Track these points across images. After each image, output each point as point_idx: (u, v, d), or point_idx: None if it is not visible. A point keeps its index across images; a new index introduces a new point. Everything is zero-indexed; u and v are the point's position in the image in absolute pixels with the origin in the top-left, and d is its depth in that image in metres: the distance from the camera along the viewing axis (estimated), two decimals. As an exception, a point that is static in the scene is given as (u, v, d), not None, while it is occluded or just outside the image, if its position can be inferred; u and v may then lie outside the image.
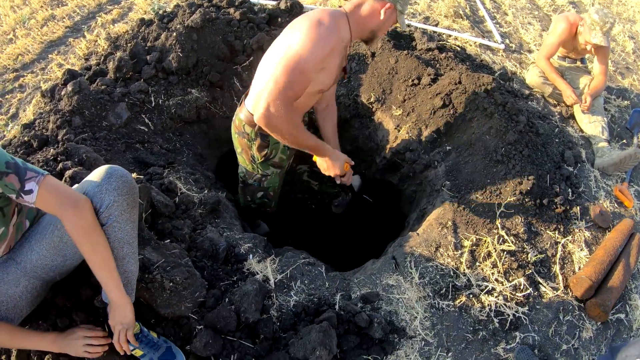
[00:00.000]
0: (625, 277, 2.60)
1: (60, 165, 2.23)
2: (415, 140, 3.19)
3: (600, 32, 3.47)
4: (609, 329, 2.48)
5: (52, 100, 2.99)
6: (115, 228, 1.59)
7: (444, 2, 5.18)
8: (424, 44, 3.67)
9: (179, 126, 3.20)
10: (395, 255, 2.46)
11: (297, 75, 2.01)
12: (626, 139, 3.83)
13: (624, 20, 6.71)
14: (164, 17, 3.75)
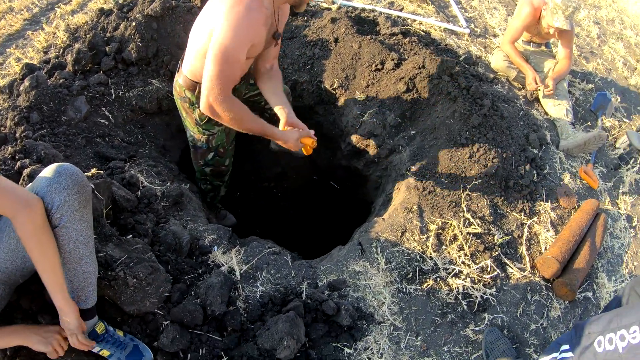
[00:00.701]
0: (592, 257, 2.65)
1: (18, 164, 2.16)
2: (379, 125, 3.17)
3: (562, 15, 3.49)
4: (577, 307, 2.52)
5: (11, 96, 2.89)
6: (68, 229, 1.54)
7: (409, -13, 5.18)
8: (388, 29, 3.64)
9: (140, 118, 3.13)
10: (361, 242, 2.45)
11: (227, 65, 2.04)
12: (590, 121, 3.89)
13: (589, 6, 6.82)
14: (124, 6, 3.64)
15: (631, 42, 6.13)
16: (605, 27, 6.25)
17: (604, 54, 5.32)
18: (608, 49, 5.46)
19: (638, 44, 6.18)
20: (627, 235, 3.08)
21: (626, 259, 2.94)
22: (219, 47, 2.00)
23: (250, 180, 3.59)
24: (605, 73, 4.84)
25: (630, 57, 5.58)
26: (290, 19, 3.86)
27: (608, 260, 2.86)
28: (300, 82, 3.48)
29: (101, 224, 1.96)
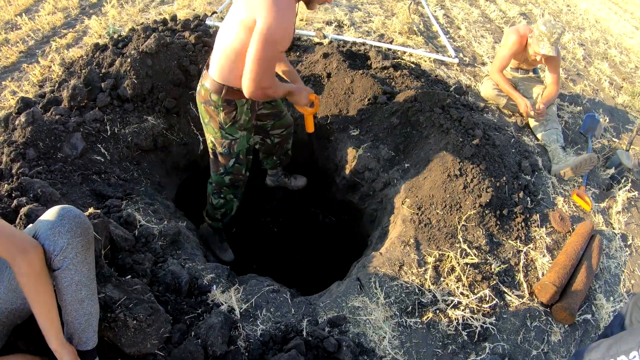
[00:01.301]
0: (589, 279, 2.67)
1: (15, 202, 2.16)
2: (373, 159, 3.22)
3: (548, 42, 3.57)
4: (577, 330, 2.54)
5: (6, 130, 2.91)
6: (71, 271, 1.56)
7: (398, 19, 5.30)
8: (379, 63, 3.72)
9: (136, 155, 3.15)
10: (359, 277, 2.47)
11: (272, 48, 2.22)
12: (580, 143, 3.96)
13: (574, 28, 6.98)
14: (119, 41, 3.73)
15: (616, 60, 6.27)
16: (590, 48, 6.39)
17: (590, 75, 5.44)
18: (594, 70, 5.57)
19: (623, 62, 6.32)
20: (622, 255, 3.11)
21: (623, 278, 2.97)
22: (263, 31, 2.16)
23: (247, 216, 3.61)
24: (592, 94, 4.94)
25: (615, 76, 5.70)
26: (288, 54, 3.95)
27: (605, 281, 2.89)
28: (294, 117, 3.51)
29: (100, 265, 1.97)
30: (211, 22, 4.51)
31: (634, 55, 6.89)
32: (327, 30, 4.69)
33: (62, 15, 5.16)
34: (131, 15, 5.08)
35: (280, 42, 2.24)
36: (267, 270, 3.12)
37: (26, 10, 5.44)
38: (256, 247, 3.54)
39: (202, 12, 4.93)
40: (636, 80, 5.81)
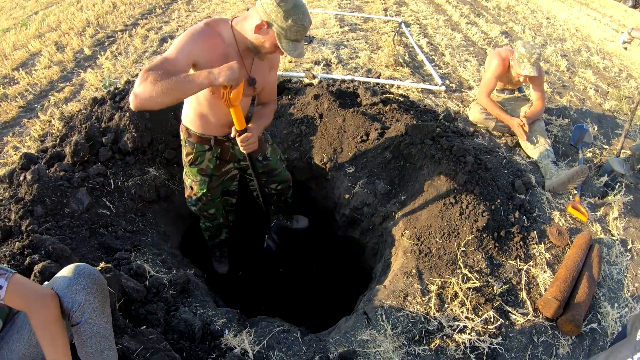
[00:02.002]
0: (591, 289, 2.74)
1: (28, 260, 2.24)
2: (370, 195, 3.34)
3: (528, 63, 3.70)
4: (585, 340, 2.59)
5: (11, 186, 2.98)
6: (90, 324, 1.66)
7: (383, 52, 5.48)
8: (368, 99, 3.87)
9: (140, 206, 3.24)
10: (366, 310, 2.55)
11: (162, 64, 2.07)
12: (572, 155, 4.06)
13: (555, 40, 7.15)
14: (116, 95, 3.81)
15: (599, 67, 6.40)
16: (573, 58, 6.54)
17: (576, 85, 5.56)
18: (579, 79, 5.70)
19: (607, 67, 6.44)
20: (624, 260, 3.17)
21: (626, 282, 3.01)
22: (161, 57, 2.16)
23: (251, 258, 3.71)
24: (579, 104, 5.05)
25: (601, 83, 5.81)
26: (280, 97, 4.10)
27: (609, 288, 2.94)
28: (290, 159, 3.65)
29: (115, 317, 2.04)
30: (204, 71, 4.67)
31: (617, 58, 7.04)
32: (316, 70, 4.86)
33: (58, 69, 5.33)
34: (125, 67, 5.23)
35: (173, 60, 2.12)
36: (276, 310, 3.21)
37: (22, 64, 5.62)
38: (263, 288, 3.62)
39: (195, 61, 5.10)
40: (621, 84, 5.93)
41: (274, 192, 3.37)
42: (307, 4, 7.54)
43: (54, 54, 5.84)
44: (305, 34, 2.29)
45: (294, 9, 2.16)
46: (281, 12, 2.14)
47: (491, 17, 7.91)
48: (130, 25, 6.88)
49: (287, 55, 2.29)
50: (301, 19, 2.19)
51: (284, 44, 2.24)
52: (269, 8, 2.16)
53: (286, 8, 2.14)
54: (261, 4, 2.19)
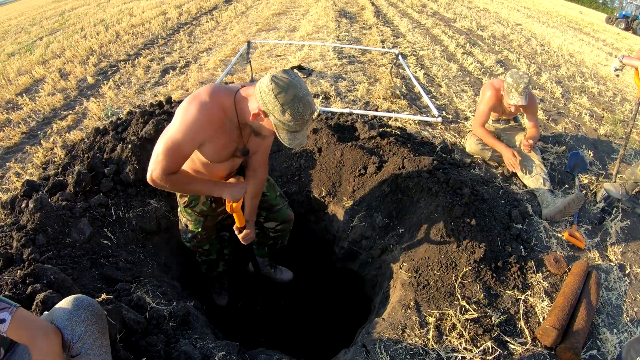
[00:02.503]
0: (590, 316, 2.77)
1: (29, 289, 2.26)
2: (369, 228, 3.41)
3: (516, 93, 3.79)
4: (585, 367, 2.61)
5: (12, 212, 3.01)
6: (90, 355, 1.69)
7: (381, 84, 5.60)
8: (366, 133, 3.97)
9: (141, 237, 3.27)
10: (364, 343, 2.58)
11: (173, 153, 2.21)
12: (568, 182, 4.12)
13: (550, 67, 7.29)
14: (118, 125, 3.89)
15: (594, 92, 6.50)
16: (568, 84, 6.65)
17: (571, 111, 5.65)
18: (574, 106, 5.79)
19: (601, 92, 6.55)
20: (622, 285, 3.20)
21: (625, 307, 3.04)
22: (169, 136, 2.19)
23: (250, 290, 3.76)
24: (574, 130, 5.13)
25: (595, 108, 5.90)
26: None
27: (607, 314, 2.96)
28: (290, 193, 3.72)
29: (116, 349, 2.06)
30: (204, 101, 4.78)
31: (611, 82, 7.15)
32: (315, 104, 4.96)
33: (62, 97, 5.41)
34: (128, 97, 5.33)
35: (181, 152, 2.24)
36: (276, 342, 3.23)
37: (26, 90, 5.74)
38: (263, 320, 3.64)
39: (195, 92, 5.22)
40: (616, 108, 6.03)
41: (272, 235, 3.34)
42: (305, 37, 7.75)
43: (58, 81, 5.95)
44: (307, 125, 2.16)
45: (293, 101, 2.02)
46: (278, 105, 2.02)
47: (486, 47, 8.08)
48: (133, 55, 7.04)
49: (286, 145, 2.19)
50: (300, 112, 2.05)
51: (282, 134, 2.14)
52: (267, 98, 2.03)
53: (284, 100, 2.01)
54: (260, 91, 2.07)
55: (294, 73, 2.09)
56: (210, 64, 6.36)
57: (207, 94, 2.20)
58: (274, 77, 2.02)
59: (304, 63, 6.29)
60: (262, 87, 2.06)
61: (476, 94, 5.64)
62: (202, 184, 2.44)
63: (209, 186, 2.46)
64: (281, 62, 6.42)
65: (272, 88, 2.01)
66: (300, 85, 2.04)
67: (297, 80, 2.05)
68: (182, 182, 2.37)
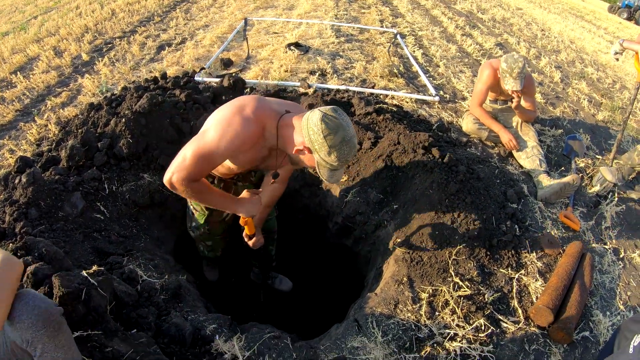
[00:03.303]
0: (583, 297, 2.75)
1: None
2: (363, 203, 3.36)
3: (510, 78, 3.75)
4: (577, 348, 2.60)
5: (6, 188, 2.97)
6: (46, 357, 1.58)
7: (378, 63, 5.54)
8: (362, 109, 3.91)
9: (134, 211, 3.24)
10: (357, 318, 2.56)
11: (203, 161, 2.13)
12: (564, 165, 4.10)
13: (549, 52, 7.23)
14: (113, 100, 3.84)
15: (593, 78, 6.46)
16: (567, 69, 6.60)
17: (569, 96, 5.61)
18: (572, 90, 5.75)
19: (600, 78, 6.51)
20: (616, 269, 3.19)
21: (619, 291, 3.03)
22: (205, 143, 2.11)
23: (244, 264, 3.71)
24: (572, 115, 5.09)
25: (594, 94, 5.87)
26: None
27: (601, 297, 2.96)
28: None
29: (106, 320, 2.04)
30: (200, 77, 4.73)
31: (610, 70, 7.11)
32: (311, 80, 4.91)
33: (56, 74, 5.36)
34: (123, 73, 5.28)
35: (212, 162, 2.17)
36: (268, 317, 3.22)
37: (20, 68, 5.66)
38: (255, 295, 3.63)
39: (190, 68, 5.17)
40: (615, 95, 5.99)
41: None
42: (303, 15, 7.64)
43: (52, 58, 5.88)
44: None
45: (341, 144, 2.00)
46: (326, 146, 1.99)
47: (486, 29, 8.00)
48: (129, 32, 6.93)
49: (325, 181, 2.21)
50: (346, 154, 2.05)
51: (322, 171, 2.15)
52: (314, 137, 1.99)
53: (332, 143, 1.98)
54: (307, 127, 2.02)
55: (343, 113, 2.06)
56: (206, 41, 6.27)
57: (252, 110, 2.12)
58: (325, 117, 1.98)
59: (301, 40, 6.20)
60: (310, 124, 2.01)
61: (474, 75, 5.59)
62: (219, 198, 2.38)
63: (225, 201, 2.41)
64: (278, 40, 6.32)
65: (322, 128, 1.97)
66: (349, 127, 2.02)
67: (346, 121, 2.01)
68: (201, 191, 2.28)
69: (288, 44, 5.90)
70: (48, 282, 2.01)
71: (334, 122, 1.97)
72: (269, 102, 2.25)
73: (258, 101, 2.18)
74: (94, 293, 2.03)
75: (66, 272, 2.07)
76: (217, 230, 3.01)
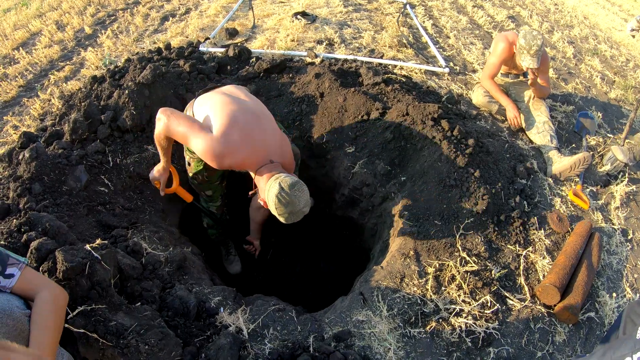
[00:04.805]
0: (590, 277, 2.71)
1: (24, 237, 2.23)
2: (370, 175, 3.29)
3: (528, 55, 3.64)
4: (582, 329, 2.58)
5: (10, 164, 2.98)
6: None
7: (387, 33, 5.39)
8: (370, 79, 3.80)
9: (138, 184, 3.22)
10: (362, 291, 2.52)
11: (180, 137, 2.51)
12: (575, 142, 4.01)
13: (562, 27, 7.05)
14: (116, 73, 3.81)
15: (607, 55, 6.31)
16: (580, 45, 6.44)
17: (582, 72, 5.49)
18: (585, 67, 5.62)
19: (614, 56, 6.36)
20: (624, 250, 3.14)
21: (626, 273, 2.99)
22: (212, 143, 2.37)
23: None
24: (584, 92, 4.98)
25: (607, 71, 5.74)
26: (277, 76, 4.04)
27: (607, 278, 2.92)
28: (290, 138, 3.58)
29: (110, 294, 2.03)
30: (204, 48, 4.64)
31: (624, 48, 6.94)
32: (318, 49, 4.78)
33: (59, 48, 5.31)
34: (126, 45, 5.20)
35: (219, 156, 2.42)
36: (273, 289, 3.19)
37: (23, 44, 5.61)
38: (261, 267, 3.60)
39: (195, 38, 5.06)
40: (628, 74, 5.86)
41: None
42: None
43: (55, 33, 5.80)
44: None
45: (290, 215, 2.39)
46: (277, 214, 2.41)
47: (498, 1, 7.78)
48: (132, 4, 6.80)
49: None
50: (292, 220, 2.44)
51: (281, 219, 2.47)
52: (269, 203, 2.39)
53: (281, 213, 2.39)
54: (267, 193, 2.40)
55: (299, 188, 2.37)
56: (211, 11, 6.12)
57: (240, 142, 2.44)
58: (279, 194, 2.32)
59: (308, 9, 6.03)
60: (269, 194, 2.38)
61: (485, 48, 5.45)
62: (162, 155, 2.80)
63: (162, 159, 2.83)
64: (284, 9, 6.15)
65: (275, 202, 2.34)
66: (298, 202, 2.35)
67: (297, 197, 2.34)
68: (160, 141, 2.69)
69: (295, 13, 5.75)
70: (52, 257, 2.00)
71: (285, 199, 2.32)
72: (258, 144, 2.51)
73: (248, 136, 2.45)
74: (97, 267, 2.02)
75: (69, 247, 2.06)
76: (214, 178, 3.05)
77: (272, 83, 3.96)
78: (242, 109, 2.52)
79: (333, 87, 3.68)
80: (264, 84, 3.97)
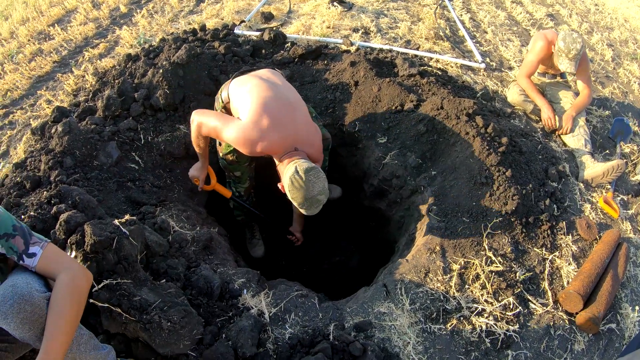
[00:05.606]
0: (614, 288, 2.66)
1: (54, 209, 2.27)
2: (401, 167, 3.26)
3: (566, 58, 3.57)
4: (601, 340, 2.53)
5: (42, 138, 3.03)
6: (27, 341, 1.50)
7: (424, 24, 5.31)
8: (406, 70, 3.75)
9: (168, 162, 3.25)
10: (386, 283, 2.52)
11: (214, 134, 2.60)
12: (609, 148, 3.92)
13: (602, 29, 6.85)
14: (150, 52, 3.84)
15: (646, 61, 6.13)
16: (619, 49, 6.26)
17: (620, 77, 5.34)
18: (623, 71, 5.47)
19: (654, 62, 6.17)
20: (651, 263, 3.05)
21: None
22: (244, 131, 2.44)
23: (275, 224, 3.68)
24: (621, 97, 4.85)
25: (646, 78, 5.57)
26: (311, 62, 4.01)
27: (632, 290, 2.85)
28: (322, 125, 3.57)
29: (136, 269, 2.06)
30: (239, 30, 4.64)
31: (665, 54, 6.74)
32: (354, 38, 4.75)
33: (94, 26, 5.35)
34: (161, 25, 5.22)
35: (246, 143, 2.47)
36: (297, 275, 3.20)
37: (58, 21, 5.66)
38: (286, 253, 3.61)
39: (230, 21, 5.05)
40: (667, 81, 5.69)
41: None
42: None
43: (90, 10, 5.84)
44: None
45: (304, 202, 2.43)
46: (291, 197, 2.44)
47: (538, -2, 7.59)
48: (168, -16, 6.78)
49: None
50: (307, 209, 2.48)
51: (301, 209, 2.52)
52: (286, 189, 2.43)
53: (294, 197, 2.42)
54: (283, 179, 2.46)
55: (314, 173, 2.38)
56: (248, -8, 6.06)
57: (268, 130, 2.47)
58: (292, 176, 2.36)
59: (345, -5, 5.96)
60: (284, 179, 2.44)
61: (523, 45, 5.33)
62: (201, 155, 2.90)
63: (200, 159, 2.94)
64: (322, -8, 6.08)
65: (289, 185, 2.38)
66: (312, 187, 2.36)
67: (311, 182, 2.35)
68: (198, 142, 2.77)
69: (331, 0, 5.67)
70: (80, 230, 2.03)
71: (298, 183, 2.34)
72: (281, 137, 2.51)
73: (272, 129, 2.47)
74: (125, 242, 2.05)
75: (98, 221, 2.09)
76: (243, 159, 3.04)
77: (306, 69, 3.94)
78: (276, 97, 2.53)
79: (368, 76, 3.65)
80: (299, 69, 3.95)
